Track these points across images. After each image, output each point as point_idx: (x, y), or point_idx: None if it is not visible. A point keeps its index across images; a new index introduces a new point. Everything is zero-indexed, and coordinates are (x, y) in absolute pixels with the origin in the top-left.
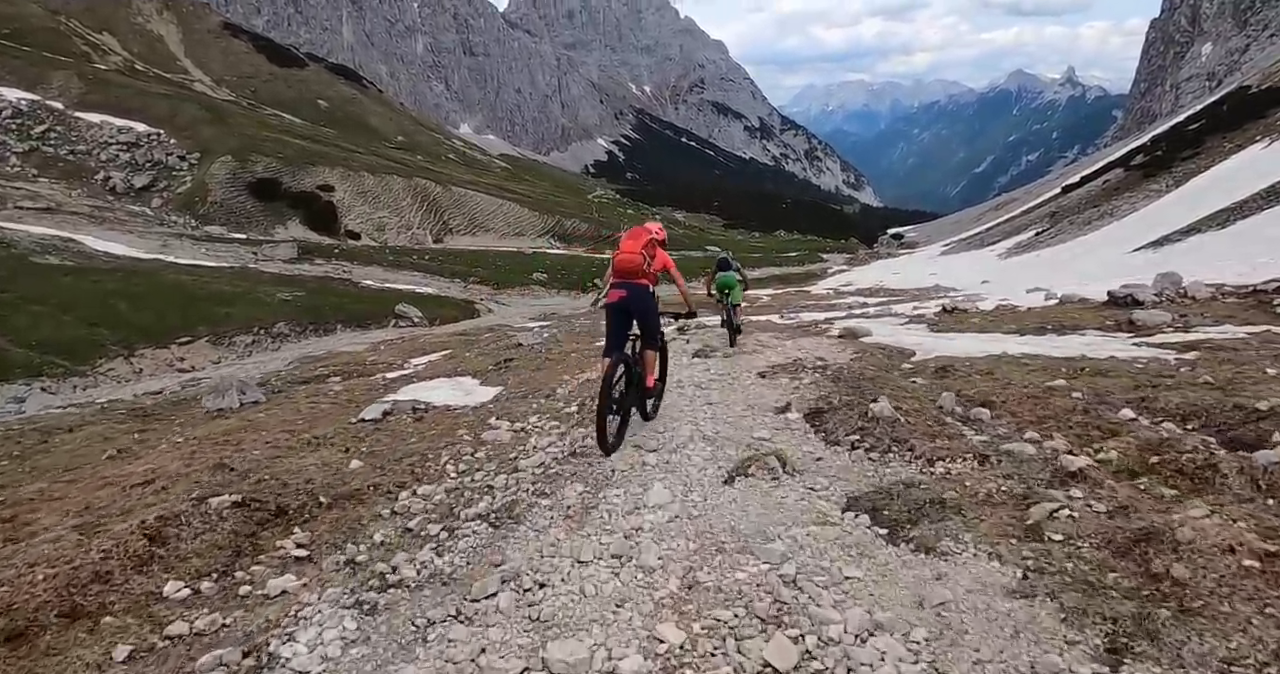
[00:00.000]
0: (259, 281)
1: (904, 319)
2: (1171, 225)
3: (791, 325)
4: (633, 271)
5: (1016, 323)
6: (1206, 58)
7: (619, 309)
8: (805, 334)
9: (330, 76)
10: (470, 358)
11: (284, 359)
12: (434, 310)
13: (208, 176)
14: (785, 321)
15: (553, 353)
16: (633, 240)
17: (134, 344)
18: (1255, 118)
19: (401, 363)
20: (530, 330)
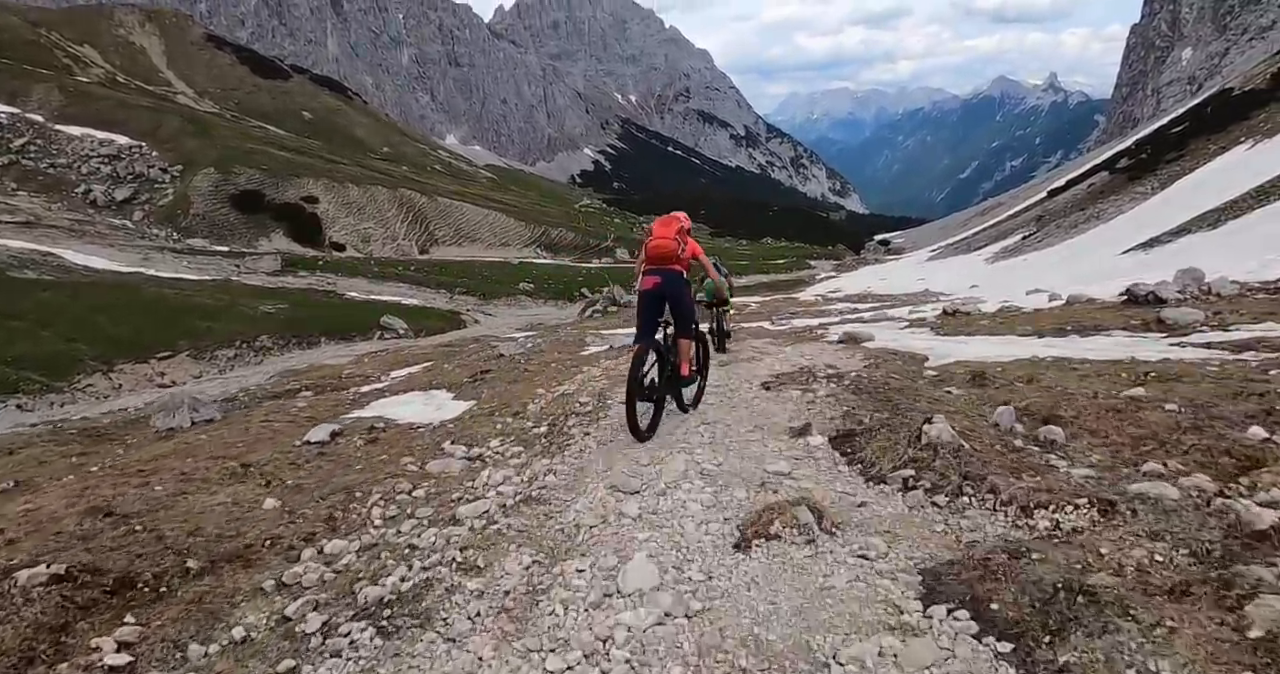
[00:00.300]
0: (241, 294)
1: (903, 323)
2: (1161, 226)
3: (785, 331)
4: (668, 257)
5: (1031, 324)
6: (1187, 62)
7: (653, 295)
8: (802, 340)
9: (315, 88)
10: (449, 370)
11: (266, 373)
12: (420, 322)
13: (190, 189)
14: (778, 327)
15: (532, 363)
16: (664, 227)
17: (113, 359)
18: (1239, 119)
19: (380, 376)
20: (514, 340)
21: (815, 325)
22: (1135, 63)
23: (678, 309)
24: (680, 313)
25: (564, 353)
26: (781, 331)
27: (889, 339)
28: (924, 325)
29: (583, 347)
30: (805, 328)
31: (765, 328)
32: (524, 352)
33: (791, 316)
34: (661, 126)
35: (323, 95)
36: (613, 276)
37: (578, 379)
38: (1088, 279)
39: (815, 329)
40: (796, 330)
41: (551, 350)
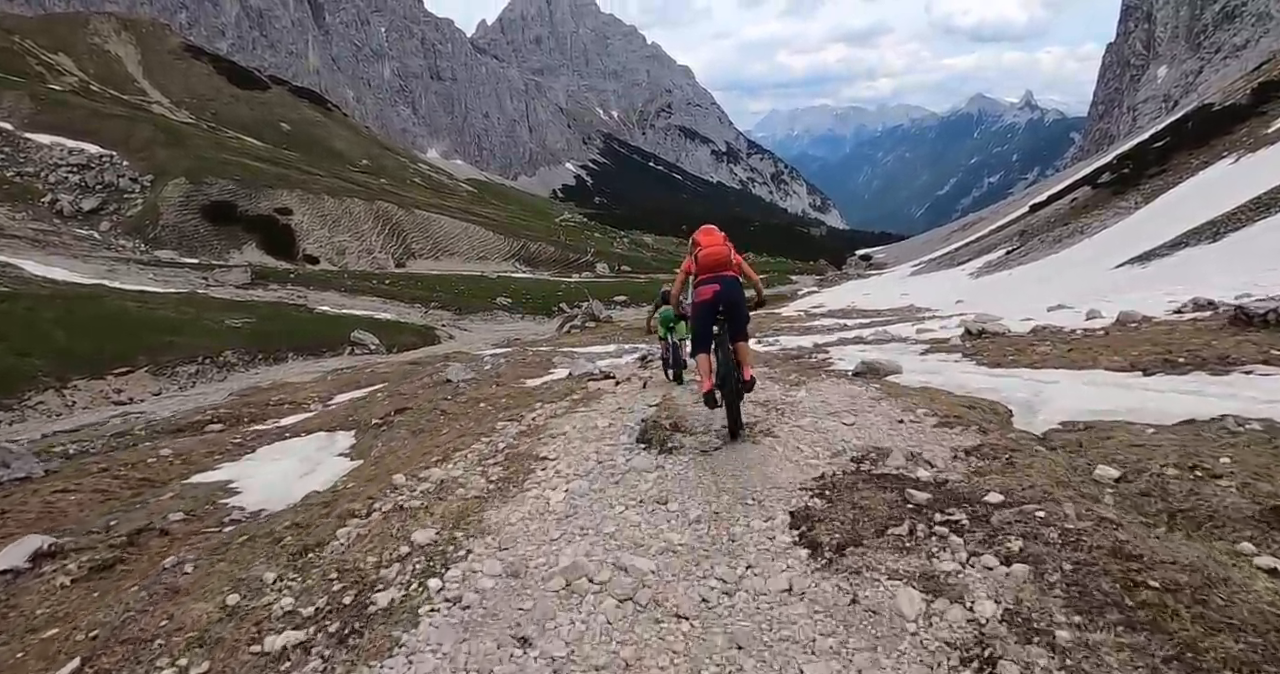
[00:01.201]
0: (207, 308)
1: (919, 346)
2: (1153, 240)
3: (776, 354)
4: (722, 263)
5: (1116, 354)
6: (1162, 80)
7: (712, 304)
8: (805, 370)
9: (294, 99)
10: (380, 400)
11: (227, 390)
12: (392, 337)
13: (160, 199)
14: (766, 348)
15: (463, 398)
16: (710, 235)
17: (68, 375)
18: (1220, 134)
19: (318, 401)
20: (481, 359)
21: (810, 347)
22: (1111, 81)
23: (736, 313)
24: (739, 316)
25: (518, 380)
26: (772, 355)
27: (922, 371)
28: (950, 349)
29: (548, 368)
30: (800, 351)
31: (752, 349)
32: (471, 379)
33: (777, 333)
34: (643, 142)
35: (302, 107)
36: (593, 291)
37: (494, 439)
38: (1086, 294)
39: (813, 353)
40: (789, 353)
41: (508, 374)
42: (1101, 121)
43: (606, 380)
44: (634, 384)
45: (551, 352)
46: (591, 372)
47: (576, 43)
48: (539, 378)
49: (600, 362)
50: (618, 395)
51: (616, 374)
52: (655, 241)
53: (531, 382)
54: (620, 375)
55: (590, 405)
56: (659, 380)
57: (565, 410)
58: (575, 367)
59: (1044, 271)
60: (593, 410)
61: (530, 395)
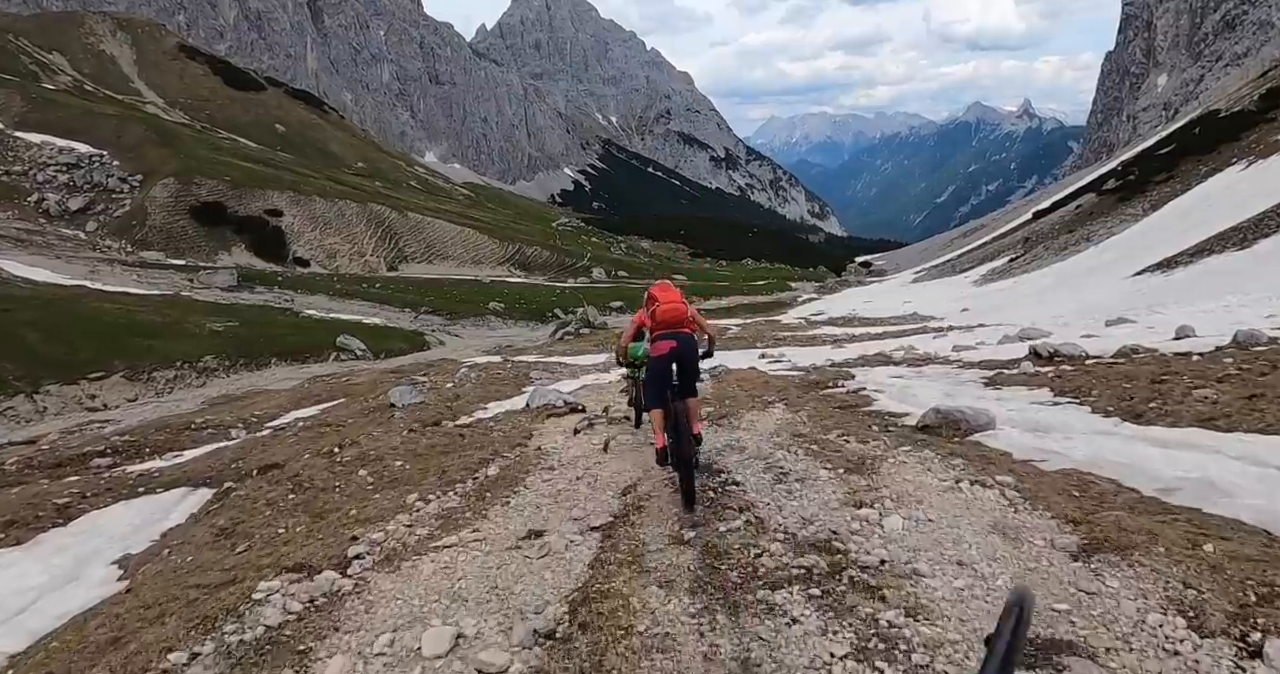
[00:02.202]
0: (190, 311)
1: (974, 375)
2: (1170, 246)
3: (789, 379)
4: (681, 321)
5: None
6: (1162, 88)
7: (668, 360)
8: (850, 425)
9: (290, 101)
10: (292, 432)
11: (204, 397)
12: (380, 343)
13: (148, 199)
14: (774, 369)
15: (341, 460)
16: (668, 290)
17: (40, 380)
18: (1228, 140)
19: (259, 421)
20: (456, 370)
21: (832, 370)
22: (1110, 89)
23: (689, 368)
24: (690, 372)
25: (474, 404)
26: (787, 382)
27: (1026, 428)
28: (1027, 381)
29: (521, 384)
30: (820, 375)
31: (758, 370)
32: (418, 403)
33: (779, 344)
34: (642, 147)
35: (298, 109)
36: (588, 297)
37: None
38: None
39: (839, 380)
40: (807, 379)
41: (468, 396)
42: (1101, 130)
43: (571, 416)
44: (596, 434)
45: (535, 363)
46: (554, 403)
47: (576, 48)
48: (501, 401)
49: (584, 378)
50: (568, 466)
51: (587, 404)
52: (653, 247)
53: (485, 410)
54: (592, 406)
55: (518, 492)
56: (625, 439)
57: (473, 503)
58: (536, 395)
59: (1052, 280)
60: (517, 505)
61: (449, 451)
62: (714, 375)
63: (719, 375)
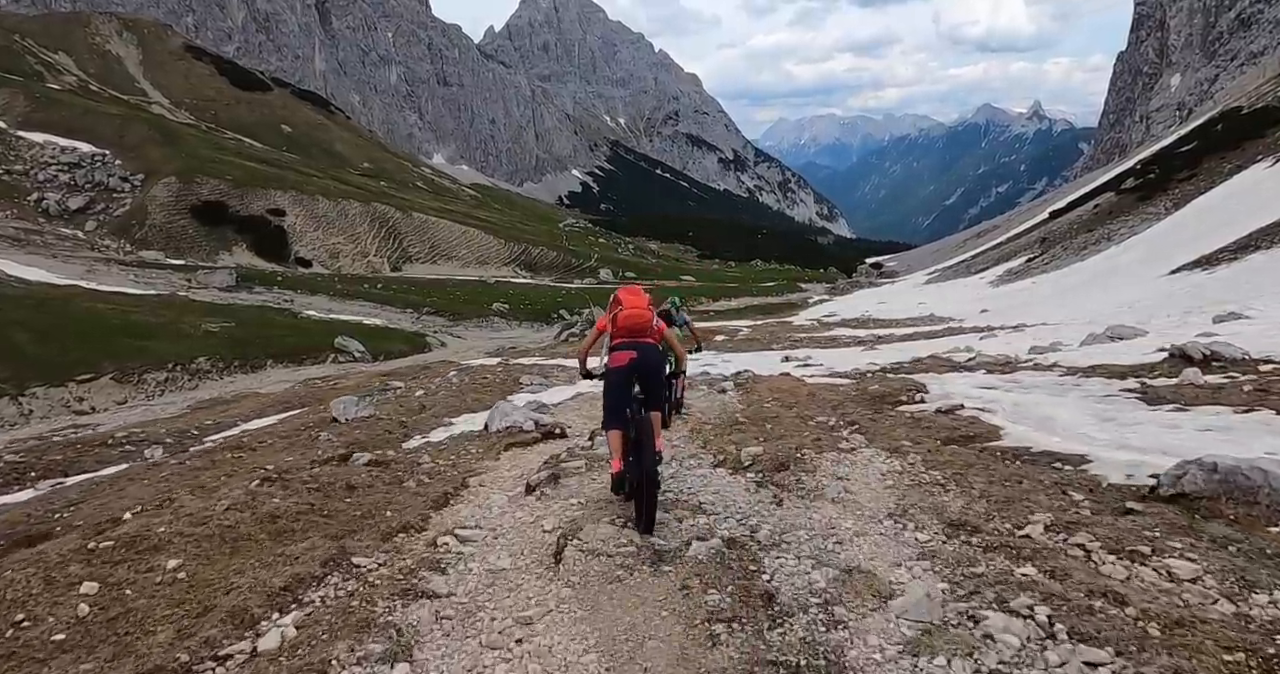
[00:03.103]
0: (185, 311)
1: (1105, 385)
2: (1203, 244)
3: (839, 388)
4: (643, 328)
5: None
6: (1175, 88)
7: (627, 372)
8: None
9: (296, 102)
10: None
11: (195, 399)
12: (379, 344)
13: (148, 199)
14: (809, 375)
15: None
16: (634, 295)
17: (27, 382)
18: (1252, 137)
19: (226, 424)
20: (451, 371)
21: (874, 370)
22: (1123, 90)
23: (653, 382)
24: (654, 386)
25: (436, 419)
26: (834, 392)
27: None
28: (1219, 397)
29: (508, 391)
30: (870, 378)
31: (792, 377)
32: (367, 417)
33: (795, 345)
34: (650, 149)
35: (304, 109)
36: (594, 298)
37: None
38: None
39: (912, 393)
40: (865, 389)
41: (436, 407)
42: (1113, 130)
43: (542, 444)
44: (564, 496)
45: (531, 366)
46: (521, 425)
47: (584, 50)
48: (473, 414)
49: (582, 384)
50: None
51: (572, 423)
52: (660, 248)
53: (446, 427)
54: (578, 426)
55: None
56: None
57: None
58: (498, 415)
59: (1076, 279)
60: None
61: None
62: (739, 384)
63: (745, 383)
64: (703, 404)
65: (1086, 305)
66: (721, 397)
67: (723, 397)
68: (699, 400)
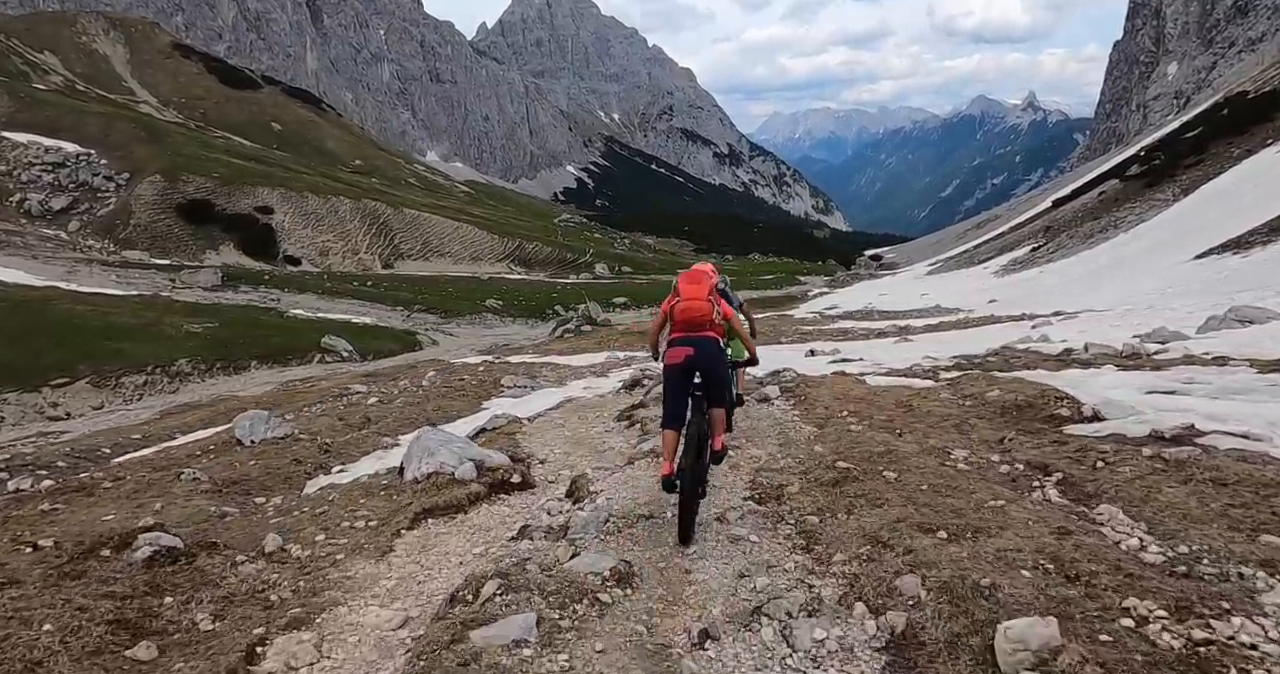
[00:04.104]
0: (168, 312)
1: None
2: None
3: (936, 394)
4: (701, 322)
5: None
6: (1173, 77)
7: (684, 370)
8: None
9: (286, 99)
10: None
11: (175, 403)
12: (368, 343)
13: (133, 197)
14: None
15: None
16: (694, 285)
17: None
18: (1261, 121)
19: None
20: (429, 372)
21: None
22: (1119, 79)
23: (713, 379)
24: (715, 382)
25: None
26: (938, 401)
27: None
28: None
29: (483, 397)
30: (963, 381)
31: (852, 377)
32: (282, 439)
33: (805, 338)
34: (645, 144)
35: (294, 107)
36: (591, 293)
37: None
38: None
39: (1050, 400)
40: (980, 397)
41: (388, 418)
42: (1110, 120)
43: (478, 509)
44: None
45: (519, 365)
46: (448, 468)
47: (577, 45)
48: (404, 436)
49: (573, 386)
50: None
51: (544, 460)
52: (656, 243)
53: (382, 453)
54: (554, 462)
55: None
56: None
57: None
58: (418, 451)
59: (1087, 267)
60: None
61: None
62: (786, 387)
63: (794, 386)
64: (746, 424)
65: (1112, 292)
66: (768, 408)
67: (770, 408)
68: (738, 416)
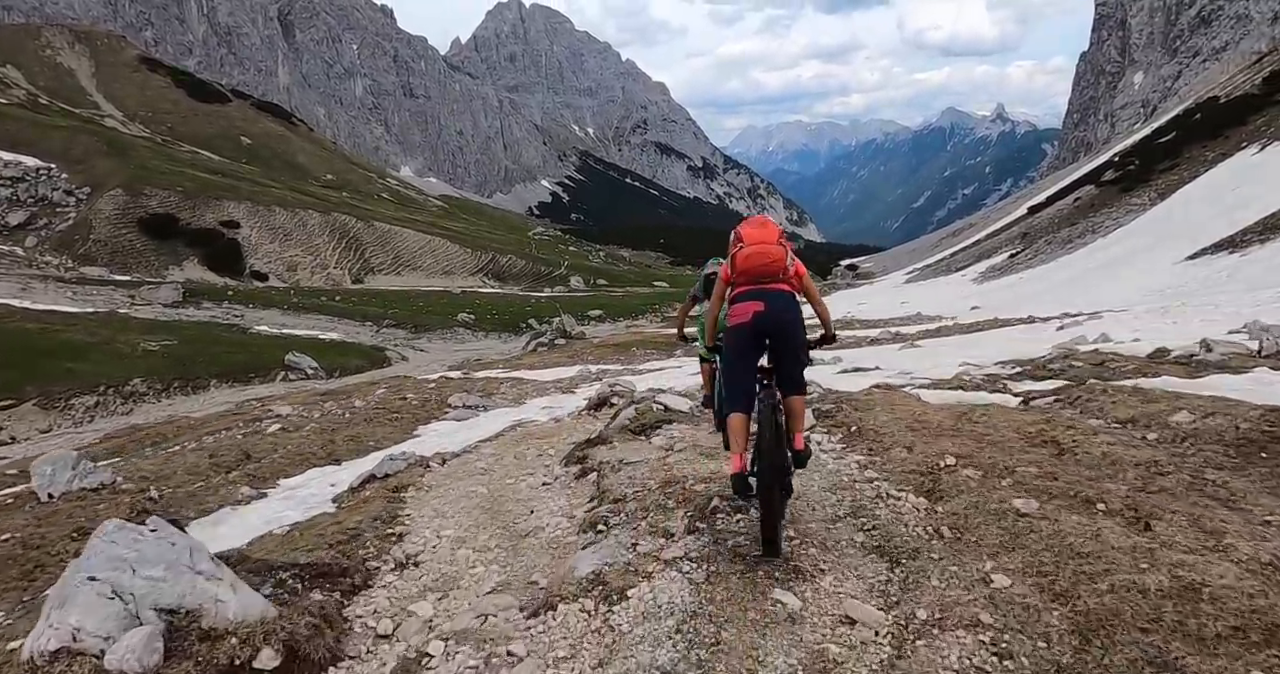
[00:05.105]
0: (124, 329)
1: None
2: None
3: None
4: (774, 271)
5: None
6: (1139, 86)
7: (753, 331)
8: None
9: (256, 113)
10: None
11: (127, 425)
12: (335, 360)
13: (93, 212)
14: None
15: None
16: (762, 228)
17: None
18: (1235, 125)
19: None
20: (379, 390)
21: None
22: (1086, 89)
23: (788, 349)
24: (790, 354)
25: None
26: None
27: None
28: None
29: (417, 421)
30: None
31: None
32: (86, 488)
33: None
34: (619, 158)
35: (264, 121)
36: (566, 306)
37: None
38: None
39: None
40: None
41: (279, 455)
42: (1078, 130)
43: None
44: None
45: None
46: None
47: (551, 60)
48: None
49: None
50: None
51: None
52: (632, 255)
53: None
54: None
55: None
56: None
57: None
58: (54, 596)
59: (1070, 272)
60: None
61: None
62: (823, 413)
63: (834, 411)
64: None
65: (1110, 294)
66: (825, 460)
67: (826, 462)
68: None
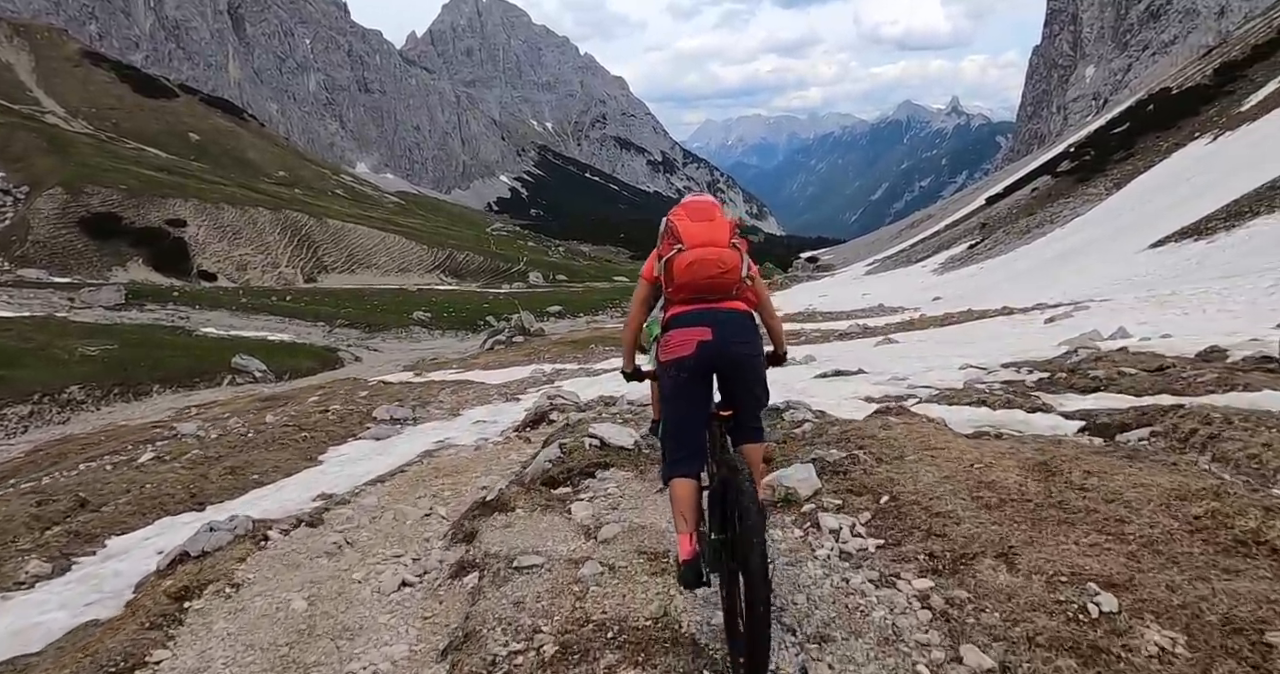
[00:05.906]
0: (61, 334)
1: None
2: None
3: None
4: (724, 285)
5: None
6: (1090, 79)
7: (696, 368)
8: None
9: (205, 108)
10: None
11: (62, 435)
12: (284, 362)
13: (30, 212)
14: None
15: None
16: (707, 222)
17: None
18: (1187, 116)
19: None
20: (310, 398)
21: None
22: (1039, 83)
23: (744, 387)
24: (749, 393)
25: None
26: None
27: None
28: None
29: (346, 433)
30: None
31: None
32: None
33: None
34: (579, 153)
35: (214, 116)
36: (525, 302)
37: None
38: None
39: None
40: None
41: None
42: (1031, 122)
43: None
44: None
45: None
46: None
47: (509, 54)
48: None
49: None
50: None
51: None
52: (592, 250)
53: None
54: None
55: None
56: None
57: None
58: None
59: (1030, 262)
60: None
61: None
62: (827, 467)
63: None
64: None
65: (1075, 284)
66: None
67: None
68: None
